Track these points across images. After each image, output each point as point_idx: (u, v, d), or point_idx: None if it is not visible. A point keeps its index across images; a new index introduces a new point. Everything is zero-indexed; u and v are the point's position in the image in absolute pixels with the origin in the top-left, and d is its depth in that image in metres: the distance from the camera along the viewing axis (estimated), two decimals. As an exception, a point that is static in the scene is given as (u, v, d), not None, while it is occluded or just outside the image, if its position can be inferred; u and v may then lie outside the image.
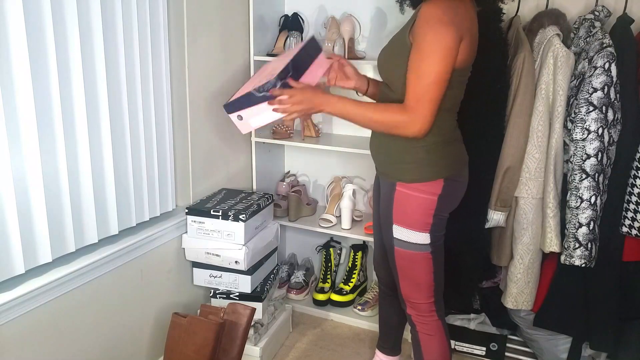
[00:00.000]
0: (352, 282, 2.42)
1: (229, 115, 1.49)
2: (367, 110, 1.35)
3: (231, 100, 1.48)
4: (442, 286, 1.55)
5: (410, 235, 1.43)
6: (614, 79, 1.59)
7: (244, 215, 1.77)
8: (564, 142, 1.73)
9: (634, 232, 1.66)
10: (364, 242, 2.46)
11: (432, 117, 1.27)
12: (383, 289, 1.83)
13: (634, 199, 1.65)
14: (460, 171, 1.48)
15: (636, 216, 1.65)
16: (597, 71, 1.58)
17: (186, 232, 1.84)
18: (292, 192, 2.35)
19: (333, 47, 2.14)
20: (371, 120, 1.35)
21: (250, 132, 2.25)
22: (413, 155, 1.39)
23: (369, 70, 2.30)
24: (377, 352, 1.95)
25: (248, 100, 1.42)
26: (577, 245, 1.66)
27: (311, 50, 1.49)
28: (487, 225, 1.85)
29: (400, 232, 1.44)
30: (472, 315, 2.12)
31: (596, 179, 1.62)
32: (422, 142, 1.37)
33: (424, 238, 1.43)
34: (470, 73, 1.43)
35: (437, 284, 1.50)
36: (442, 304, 1.56)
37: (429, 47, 1.23)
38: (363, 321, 2.30)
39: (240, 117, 1.47)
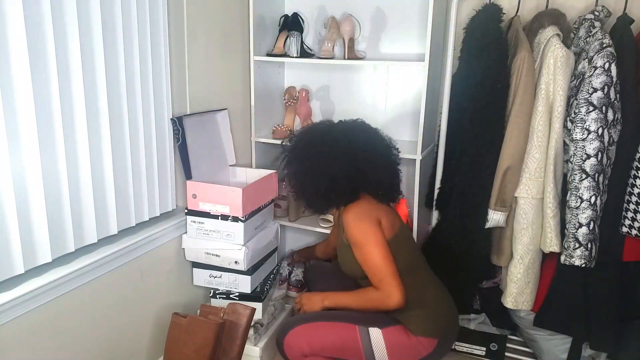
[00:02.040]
0: (352, 282, 2.42)
1: None
2: (353, 297, 1.64)
3: None
4: None
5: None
6: (614, 79, 1.59)
7: (243, 216, 1.77)
8: (564, 142, 1.73)
9: (634, 232, 1.66)
10: (364, 242, 2.46)
11: (399, 285, 1.53)
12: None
13: (634, 199, 1.65)
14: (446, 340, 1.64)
15: (636, 216, 1.65)
16: (597, 71, 1.58)
17: (186, 232, 1.84)
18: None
19: (333, 47, 2.14)
20: (359, 304, 1.62)
21: (250, 132, 2.26)
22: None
23: (369, 68, 2.31)
24: None
25: None
26: (577, 245, 1.66)
27: None
28: (487, 225, 1.85)
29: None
30: (472, 315, 2.12)
31: (596, 179, 1.62)
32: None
33: None
34: (401, 238, 1.66)
35: None
36: None
37: (362, 240, 1.57)
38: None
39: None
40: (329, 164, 1.57)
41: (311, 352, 1.58)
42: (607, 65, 1.58)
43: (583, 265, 1.67)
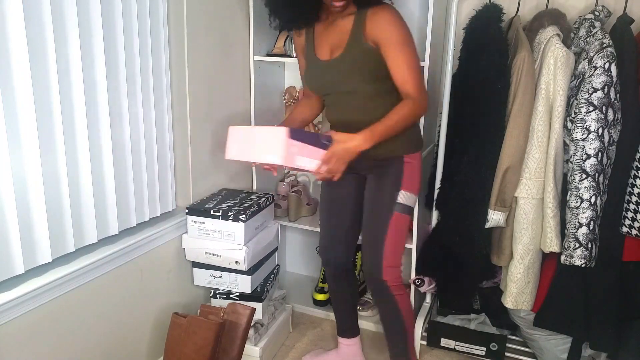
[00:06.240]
0: (352, 282, 2.42)
1: (289, 140, 1.36)
2: (391, 121, 1.48)
3: (296, 130, 1.41)
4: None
5: (410, 199, 1.65)
6: (614, 79, 1.59)
7: (244, 216, 1.77)
8: (564, 142, 1.73)
9: (634, 232, 1.66)
10: (364, 242, 2.46)
11: (426, 92, 1.53)
12: (333, 271, 1.90)
13: (634, 199, 1.65)
14: None
15: (636, 216, 1.65)
16: (597, 71, 1.58)
17: (186, 232, 1.84)
18: (292, 192, 2.35)
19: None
20: (398, 124, 1.48)
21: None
22: (407, 130, 1.57)
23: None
24: (340, 339, 2.00)
25: (312, 140, 1.41)
26: (577, 245, 1.66)
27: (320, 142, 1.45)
28: (487, 225, 1.85)
29: (405, 197, 1.63)
30: (472, 315, 2.12)
31: (596, 179, 1.62)
32: None
33: (414, 201, 1.68)
34: None
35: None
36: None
37: (405, 41, 1.46)
38: (363, 321, 2.29)
39: (293, 152, 1.37)
40: None
41: (401, 255, 1.70)
42: (607, 65, 1.58)
43: (583, 265, 1.67)
